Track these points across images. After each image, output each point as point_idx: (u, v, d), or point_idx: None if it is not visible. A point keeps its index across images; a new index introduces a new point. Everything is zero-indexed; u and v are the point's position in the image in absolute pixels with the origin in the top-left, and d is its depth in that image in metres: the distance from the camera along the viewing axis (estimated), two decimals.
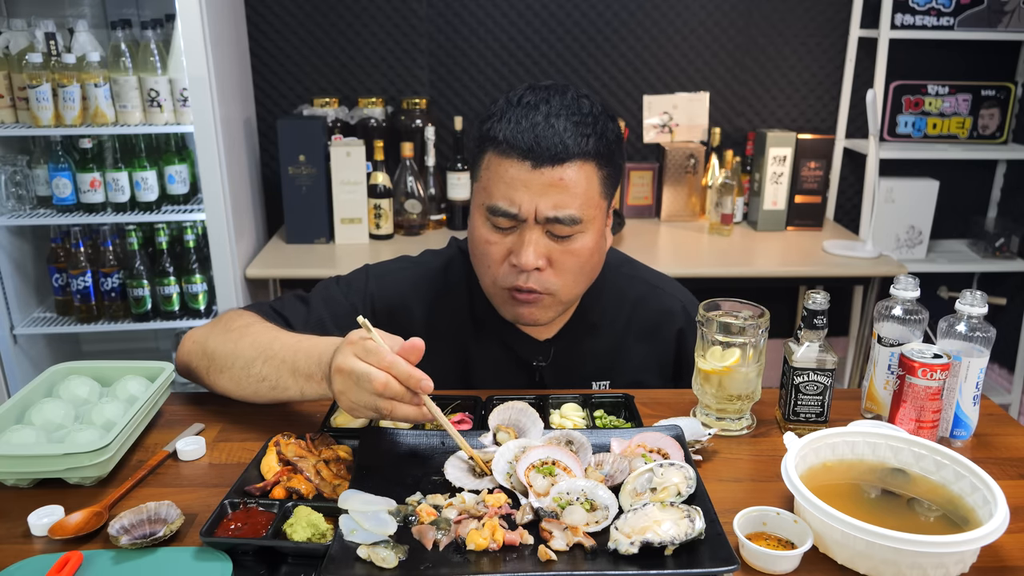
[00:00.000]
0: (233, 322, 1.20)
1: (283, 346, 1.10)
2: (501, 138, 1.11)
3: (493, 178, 1.13)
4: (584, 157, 1.11)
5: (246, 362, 1.12)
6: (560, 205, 1.10)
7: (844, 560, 0.85)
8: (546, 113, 1.10)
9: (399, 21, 2.76)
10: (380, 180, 2.57)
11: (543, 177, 1.10)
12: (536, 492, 0.90)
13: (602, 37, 2.82)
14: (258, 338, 1.14)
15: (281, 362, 1.08)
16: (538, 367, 1.30)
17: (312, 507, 0.89)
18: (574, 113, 1.11)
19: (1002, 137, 2.93)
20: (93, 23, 2.51)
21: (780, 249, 2.62)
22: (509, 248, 1.15)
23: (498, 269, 1.17)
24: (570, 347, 1.31)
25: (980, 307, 1.09)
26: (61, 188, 2.35)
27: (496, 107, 1.15)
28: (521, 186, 1.10)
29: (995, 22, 2.71)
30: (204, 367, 1.19)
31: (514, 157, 1.10)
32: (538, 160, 1.09)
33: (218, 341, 1.18)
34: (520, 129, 1.09)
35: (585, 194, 1.12)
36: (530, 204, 1.10)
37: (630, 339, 1.34)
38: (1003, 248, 2.90)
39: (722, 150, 2.82)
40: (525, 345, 1.30)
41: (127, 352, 2.87)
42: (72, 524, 0.90)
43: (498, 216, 1.13)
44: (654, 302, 1.35)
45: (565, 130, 1.09)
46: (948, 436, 1.14)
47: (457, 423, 1.12)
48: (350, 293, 1.31)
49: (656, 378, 1.35)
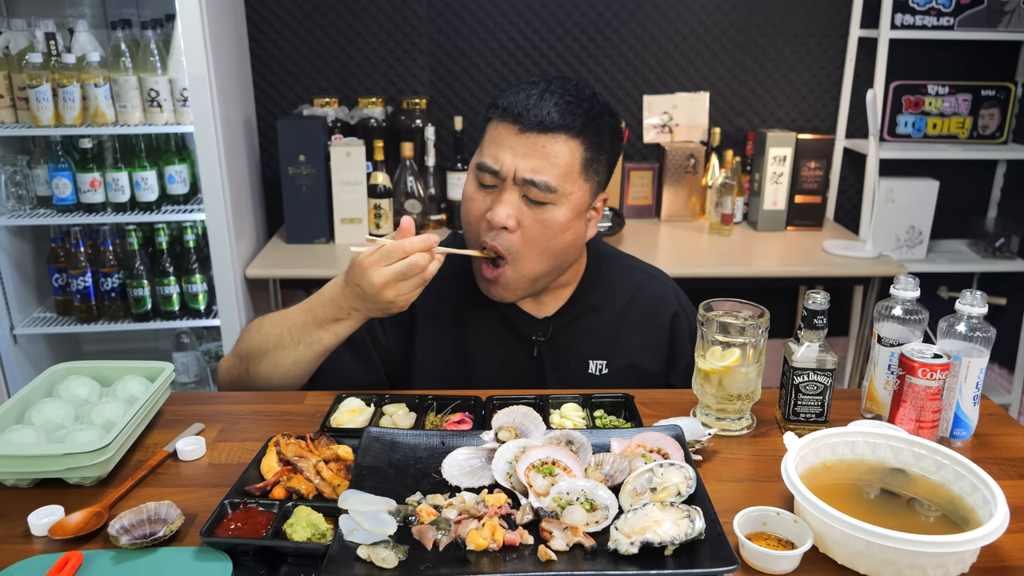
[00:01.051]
0: (250, 328, 1.30)
1: (297, 311, 1.22)
2: (501, 104, 1.21)
3: (487, 140, 1.23)
4: (568, 132, 1.19)
5: (276, 342, 1.22)
6: (537, 170, 1.18)
7: (844, 560, 0.86)
8: (543, 89, 1.20)
9: (399, 21, 2.76)
10: (380, 180, 2.57)
11: (527, 141, 1.18)
12: (536, 492, 0.90)
13: (602, 37, 2.82)
14: (274, 320, 1.25)
15: (303, 323, 1.20)
16: (536, 342, 1.34)
17: (312, 507, 0.89)
18: (569, 93, 1.20)
19: (1002, 137, 2.93)
20: (93, 23, 2.51)
21: (780, 249, 2.62)
22: (487, 206, 1.22)
23: (476, 226, 1.24)
24: (568, 325, 1.35)
25: (980, 307, 1.09)
26: (61, 188, 2.35)
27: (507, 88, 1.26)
28: (507, 147, 1.19)
29: (995, 22, 2.71)
30: (244, 369, 1.27)
31: (507, 121, 1.20)
32: (525, 125, 1.18)
33: (244, 344, 1.28)
34: (518, 99, 1.20)
35: (564, 167, 1.19)
36: (511, 164, 1.19)
37: (627, 323, 1.38)
38: (1003, 248, 2.90)
39: (722, 150, 2.82)
40: (524, 322, 1.34)
41: (127, 352, 2.87)
42: (72, 524, 0.90)
43: (483, 172, 1.21)
44: (651, 290, 1.41)
45: (556, 104, 1.18)
46: (948, 436, 1.14)
47: (457, 423, 1.12)
48: None
49: (651, 362, 1.39)
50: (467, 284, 1.33)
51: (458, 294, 1.35)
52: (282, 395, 1.27)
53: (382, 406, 1.17)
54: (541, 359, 1.34)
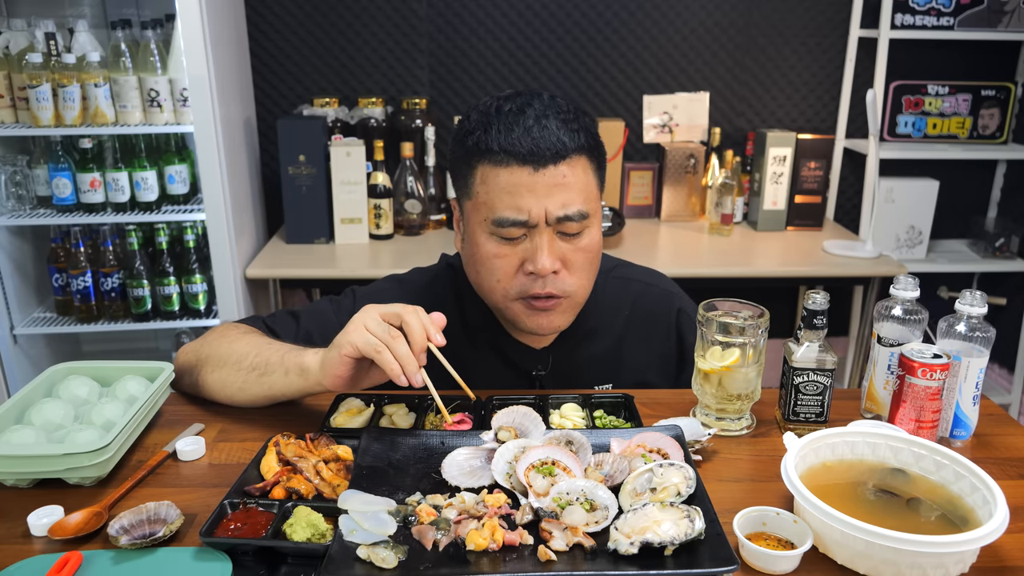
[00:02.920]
0: (227, 329, 1.24)
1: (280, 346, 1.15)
2: (496, 148, 1.10)
3: (492, 191, 1.12)
4: (579, 152, 1.12)
5: (240, 358, 1.15)
6: (568, 203, 1.11)
7: (844, 560, 0.85)
8: (534, 116, 1.10)
9: (399, 21, 2.76)
10: (380, 180, 2.57)
11: (546, 178, 1.10)
12: (536, 492, 0.90)
13: (602, 37, 2.82)
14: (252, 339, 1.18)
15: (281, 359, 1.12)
16: (538, 376, 1.29)
17: (312, 507, 0.89)
18: (559, 111, 1.12)
19: (1002, 137, 2.93)
20: (93, 23, 2.51)
21: (780, 249, 2.62)
22: (521, 258, 1.14)
23: (510, 282, 1.16)
24: (568, 354, 1.30)
25: (980, 307, 1.09)
26: (61, 188, 2.35)
27: (473, 122, 1.14)
28: (526, 191, 1.10)
29: (995, 22, 2.71)
30: (199, 372, 1.21)
31: (513, 164, 1.10)
32: (539, 162, 1.09)
33: (212, 346, 1.21)
34: (514, 136, 1.09)
35: (586, 188, 1.14)
36: (539, 208, 1.10)
37: (630, 340, 1.33)
38: (1003, 248, 2.90)
39: (722, 150, 2.82)
40: (522, 355, 1.29)
41: (127, 352, 2.87)
42: (72, 524, 0.90)
43: (506, 227, 1.12)
44: (650, 298, 1.35)
45: (558, 128, 1.10)
46: (948, 436, 1.14)
47: (457, 423, 1.12)
48: (340, 312, 1.30)
49: (658, 376, 1.35)
50: (461, 321, 1.28)
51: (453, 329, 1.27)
52: None
53: (382, 406, 1.17)
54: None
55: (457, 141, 1.17)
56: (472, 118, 1.15)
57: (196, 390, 1.23)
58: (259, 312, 2.64)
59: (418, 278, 1.37)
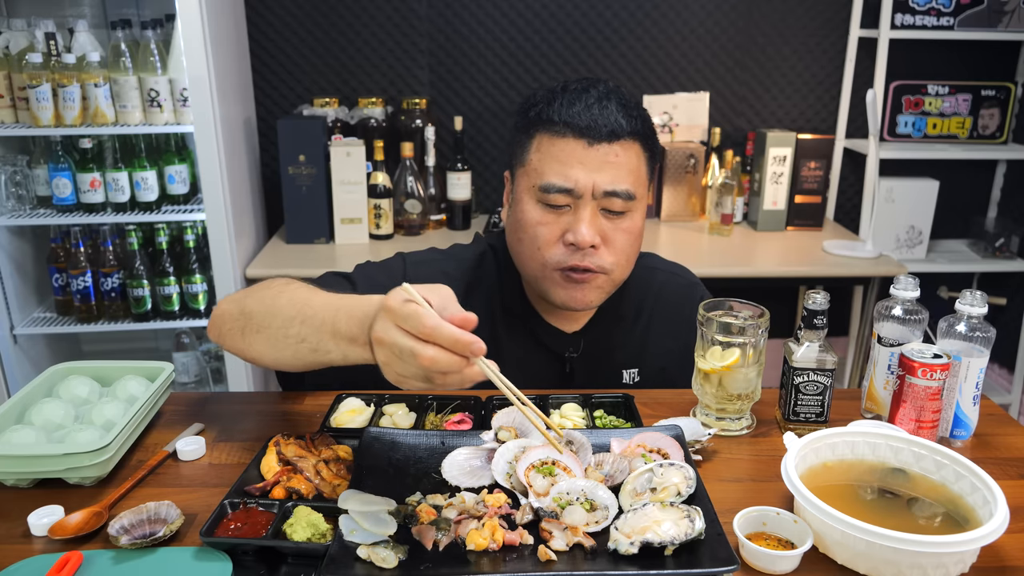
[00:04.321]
0: (273, 282, 1.10)
1: (323, 304, 0.97)
2: (557, 119, 1.15)
3: (545, 158, 1.16)
4: (634, 137, 1.16)
5: (284, 321, 1.00)
6: (616, 180, 1.15)
7: (844, 560, 0.85)
8: (597, 96, 1.16)
9: (399, 21, 2.76)
10: (380, 180, 2.57)
11: (598, 153, 1.14)
12: (536, 492, 0.90)
13: (602, 37, 2.82)
14: (295, 295, 1.02)
15: (321, 323, 0.95)
16: (569, 359, 1.32)
17: (312, 507, 0.89)
18: (621, 97, 1.17)
19: (1002, 137, 2.93)
20: (93, 23, 2.51)
21: (780, 249, 2.62)
22: (563, 228, 1.17)
23: (549, 251, 1.18)
24: (599, 339, 1.33)
25: (980, 307, 1.09)
26: (61, 188, 2.35)
27: (539, 96, 1.20)
28: (576, 163, 1.14)
29: (995, 22, 2.71)
30: (240, 327, 1.06)
31: (569, 136, 1.15)
32: (594, 137, 1.14)
33: (256, 299, 1.07)
34: (574, 110, 1.14)
35: (636, 172, 1.17)
36: (587, 179, 1.14)
37: (655, 327, 1.36)
38: (1003, 248, 2.90)
39: (722, 150, 2.82)
40: (555, 338, 1.31)
41: (127, 352, 2.87)
42: (72, 524, 0.90)
43: (552, 193, 1.15)
44: (675, 288, 1.39)
45: (618, 110, 1.15)
46: (948, 436, 1.14)
47: (457, 423, 1.12)
48: (392, 277, 1.27)
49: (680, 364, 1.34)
50: (501, 302, 1.31)
51: (492, 307, 1.31)
52: (282, 395, 1.27)
53: (382, 406, 1.17)
54: (573, 375, 1.32)
55: (520, 112, 1.23)
56: (538, 93, 1.21)
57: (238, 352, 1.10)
58: None
59: (464, 253, 1.37)
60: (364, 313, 0.90)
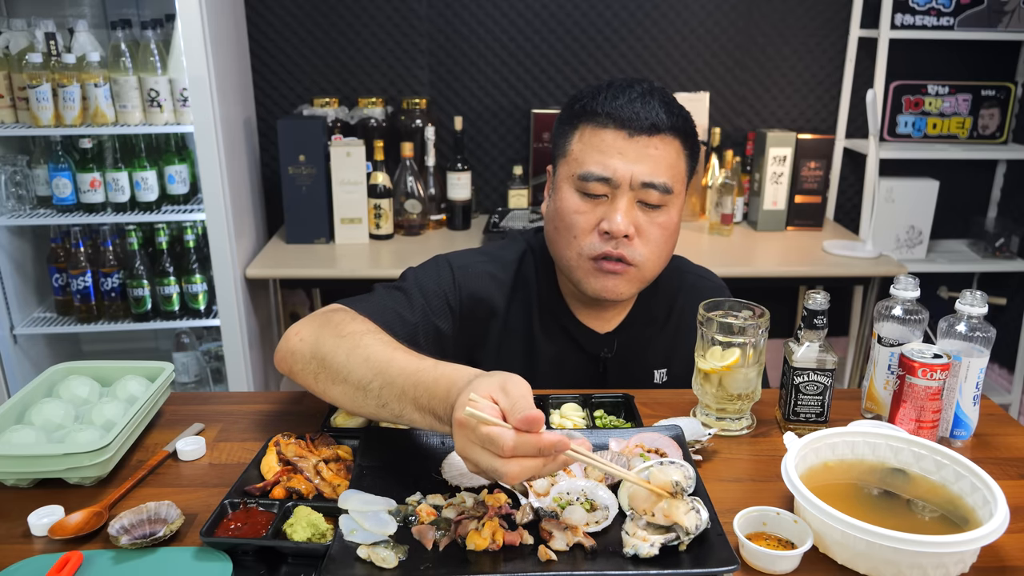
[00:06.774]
0: (345, 326, 1.07)
1: (400, 371, 0.95)
2: (600, 111, 1.18)
3: (586, 148, 1.19)
4: (674, 133, 1.19)
5: (361, 381, 0.99)
6: (654, 172, 1.17)
7: (844, 560, 0.85)
8: (640, 92, 1.19)
9: (399, 21, 2.76)
10: (380, 180, 2.57)
11: (638, 145, 1.17)
12: (536, 492, 0.90)
13: (602, 37, 2.82)
14: (373, 354, 1.00)
15: (401, 392, 0.94)
16: (603, 359, 1.33)
17: (312, 507, 0.89)
18: (664, 95, 1.20)
19: (1002, 137, 2.93)
20: (93, 23, 2.51)
21: (780, 249, 2.62)
22: (599, 217, 1.19)
23: (584, 239, 1.20)
24: (632, 340, 1.34)
25: (980, 307, 1.09)
26: (61, 188, 2.35)
27: (584, 92, 1.23)
28: (616, 153, 1.17)
29: (995, 22, 2.71)
30: (313, 371, 1.06)
31: (610, 127, 1.17)
32: (635, 129, 1.16)
33: (330, 346, 1.05)
34: (618, 103, 1.17)
35: (674, 167, 1.19)
36: (625, 170, 1.16)
37: (684, 328, 1.37)
38: (1003, 248, 2.90)
39: (722, 150, 2.82)
40: (589, 338, 1.32)
41: (127, 352, 2.87)
42: (72, 524, 0.90)
43: (591, 182, 1.17)
44: (704, 291, 1.39)
45: (660, 106, 1.18)
46: (948, 436, 1.14)
47: None
48: (441, 284, 1.27)
49: None
50: (539, 303, 1.32)
51: (529, 304, 1.32)
52: (282, 395, 1.27)
53: None
54: (606, 375, 1.33)
55: (566, 106, 1.25)
56: (584, 90, 1.23)
57: (310, 389, 1.09)
58: (258, 313, 2.65)
59: (505, 254, 1.36)
60: (446, 391, 0.88)
